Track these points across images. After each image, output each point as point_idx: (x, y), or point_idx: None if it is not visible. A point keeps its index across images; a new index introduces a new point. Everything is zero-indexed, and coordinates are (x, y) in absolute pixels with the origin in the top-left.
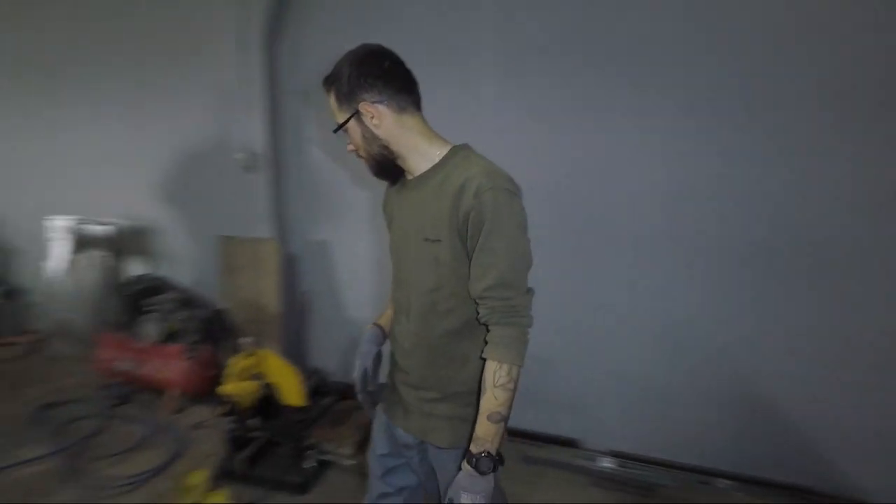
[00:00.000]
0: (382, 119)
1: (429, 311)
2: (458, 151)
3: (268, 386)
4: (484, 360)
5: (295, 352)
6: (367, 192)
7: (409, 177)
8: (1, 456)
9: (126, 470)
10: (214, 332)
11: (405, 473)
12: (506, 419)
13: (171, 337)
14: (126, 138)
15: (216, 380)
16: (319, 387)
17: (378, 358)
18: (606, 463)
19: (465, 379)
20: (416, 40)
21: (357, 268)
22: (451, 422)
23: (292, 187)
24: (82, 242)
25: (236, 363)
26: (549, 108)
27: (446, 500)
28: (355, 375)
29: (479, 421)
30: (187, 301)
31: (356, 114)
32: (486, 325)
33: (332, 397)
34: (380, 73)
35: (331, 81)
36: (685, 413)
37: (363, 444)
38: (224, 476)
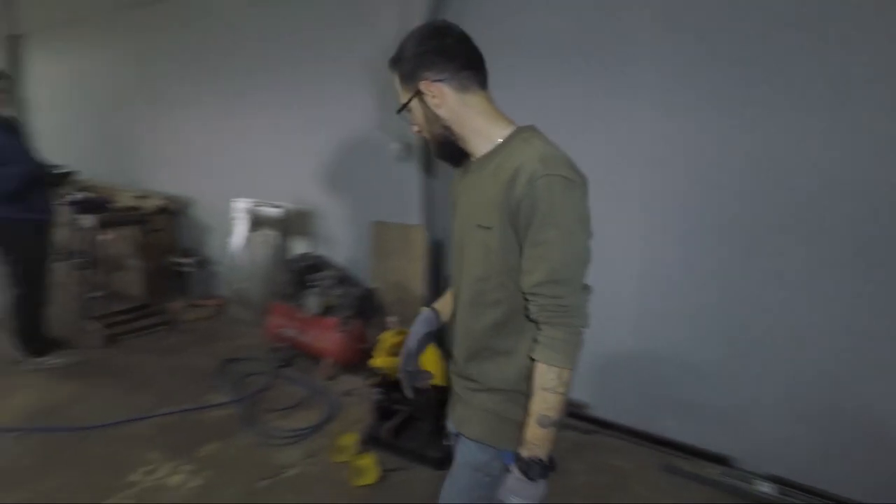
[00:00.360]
0: (444, 98)
1: (476, 300)
2: (520, 133)
3: None
4: (532, 359)
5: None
6: None
7: (472, 159)
8: (197, 397)
9: (289, 424)
10: (365, 309)
11: None
12: (556, 424)
13: (328, 310)
14: (296, 132)
15: (366, 353)
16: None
17: (426, 339)
18: (764, 487)
19: (507, 376)
20: (574, 27)
21: None
22: (486, 415)
23: (441, 176)
24: (257, 222)
25: (386, 339)
26: (725, 94)
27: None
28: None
29: (528, 423)
30: (343, 279)
31: (418, 93)
32: (536, 323)
33: None
34: (440, 49)
35: (395, 61)
36: (871, 448)
37: None
38: (370, 442)
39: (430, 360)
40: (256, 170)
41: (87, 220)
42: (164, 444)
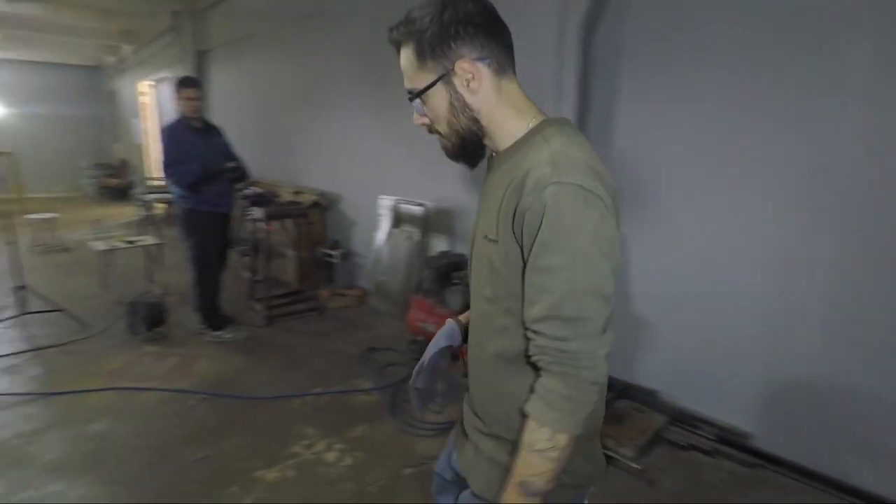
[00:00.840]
0: (482, 82)
1: (483, 323)
2: (544, 128)
3: None
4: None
5: None
6: (675, 190)
7: (493, 155)
8: (345, 381)
9: (429, 416)
10: None
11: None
12: (544, 495)
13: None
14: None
15: None
16: None
17: (443, 353)
18: None
19: (512, 424)
20: (762, 28)
21: (647, 263)
22: (491, 466)
23: None
24: (399, 219)
25: None
26: None
27: None
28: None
29: (507, 485)
30: None
31: (447, 74)
32: (535, 368)
33: (610, 393)
34: (483, 20)
35: (407, 30)
36: None
37: (647, 448)
38: None
39: None
40: (400, 169)
41: (256, 213)
42: (318, 421)
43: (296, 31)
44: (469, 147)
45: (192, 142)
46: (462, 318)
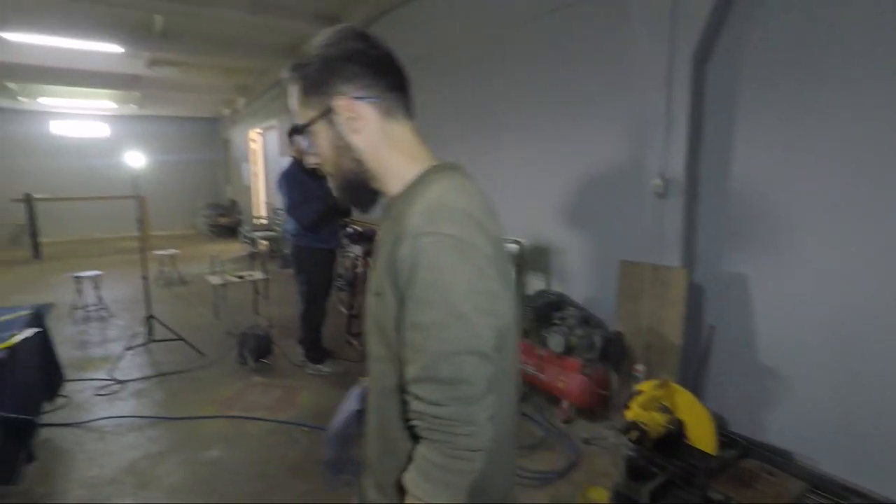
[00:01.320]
0: (365, 123)
1: (375, 381)
2: (429, 174)
3: (675, 422)
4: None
5: (692, 390)
6: (808, 219)
7: (386, 201)
8: None
9: (530, 464)
10: (610, 353)
11: None
12: None
13: (570, 350)
14: (539, 169)
15: (605, 399)
16: (718, 435)
17: (354, 419)
18: None
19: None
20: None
21: (780, 310)
22: None
23: (706, 214)
24: None
25: (646, 391)
26: None
27: None
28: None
29: None
30: (585, 319)
31: (328, 111)
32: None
33: (734, 451)
34: (369, 59)
35: (294, 65)
36: None
37: None
38: (622, 501)
39: (699, 417)
40: (494, 205)
41: (356, 250)
42: None
43: (413, 70)
44: (355, 190)
45: (309, 183)
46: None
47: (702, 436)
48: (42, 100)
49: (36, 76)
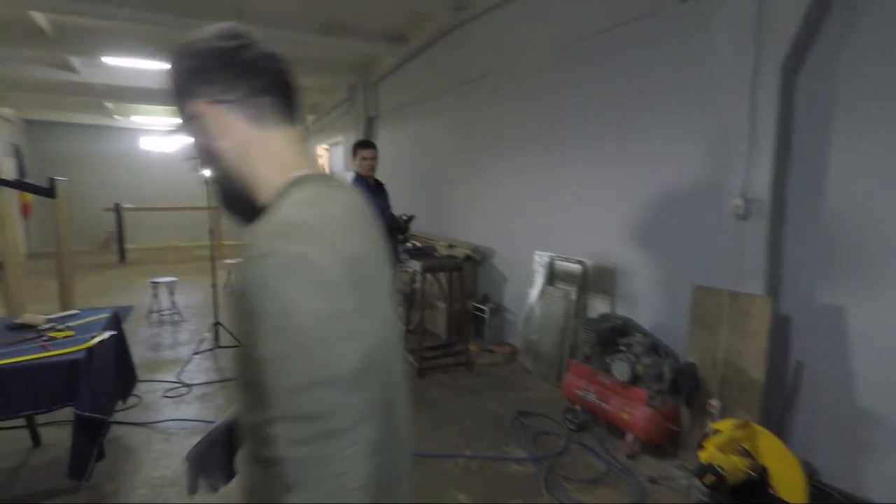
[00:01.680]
0: (228, 128)
1: (246, 420)
2: (290, 187)
3: (758, 468)
4: None
5: (775, 433)
6: None
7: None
8: (496, 446)
9: (590, 499)
10: (680, 385)
11: None
12: None
13: (636, 380)
14: (605, 189)
15: (674, 435)
16: (808, 486)
17: (229, 428)
18: None
19: None
20: None
21: (883, 349)
22: None
23: (795, 238)
24: (554, 276)
25: (724, 431)
26: None
27: None
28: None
29: None
30: (654, 347)
31: (196, 116)
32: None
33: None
34: (237, 60)
35: (171, 66)
36: None
37: None
38: None
39: (787, 464)
40: (558, 224)
41: (414, 265)
42: (471, 488)
43: (458, 94)
44: (230, 198)
45: (371, 199)
46: None
47: (789, 486)
48: (134, 118)
49: (130, 96)
